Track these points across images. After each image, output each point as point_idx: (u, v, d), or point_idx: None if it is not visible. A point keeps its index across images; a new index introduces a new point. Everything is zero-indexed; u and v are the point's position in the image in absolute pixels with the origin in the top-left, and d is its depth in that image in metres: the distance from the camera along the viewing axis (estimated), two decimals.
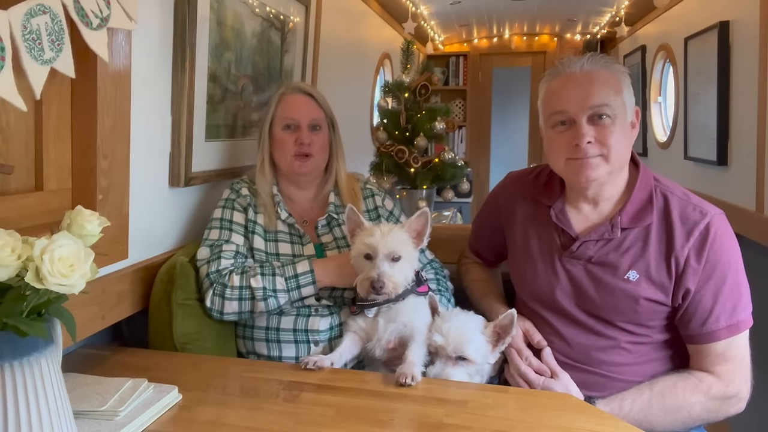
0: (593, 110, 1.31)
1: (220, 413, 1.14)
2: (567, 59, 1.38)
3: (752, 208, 2.39)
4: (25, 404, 0.86)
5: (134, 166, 1.47)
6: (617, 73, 1.35)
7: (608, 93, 1.31)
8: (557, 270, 1.41)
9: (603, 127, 1.31)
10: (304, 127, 1.64)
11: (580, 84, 1.33)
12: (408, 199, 3.14)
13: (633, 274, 1.33)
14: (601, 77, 1.33)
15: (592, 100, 1.31)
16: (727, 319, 1.29)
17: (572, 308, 1.40)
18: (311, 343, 1.51)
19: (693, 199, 1.36)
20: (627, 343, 1.36)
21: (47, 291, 0.85)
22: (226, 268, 1.51)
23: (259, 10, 2.06)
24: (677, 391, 1.30)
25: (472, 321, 1.41)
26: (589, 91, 1.31)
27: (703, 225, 1.30)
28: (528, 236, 1.49)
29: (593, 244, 1.37)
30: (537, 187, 1.52)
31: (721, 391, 1.29)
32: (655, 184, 1.39)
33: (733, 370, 1.31)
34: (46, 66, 1.08)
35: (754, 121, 2.41)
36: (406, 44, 3.32)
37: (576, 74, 1.34)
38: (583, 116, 1.31)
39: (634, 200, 1.37)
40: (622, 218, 1.36)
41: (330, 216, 1.68)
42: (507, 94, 6.52)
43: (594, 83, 1.32)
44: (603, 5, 4.70)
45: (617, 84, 1.34)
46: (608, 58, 1.38)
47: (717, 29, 2.81)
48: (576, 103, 1.32)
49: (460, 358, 1.35)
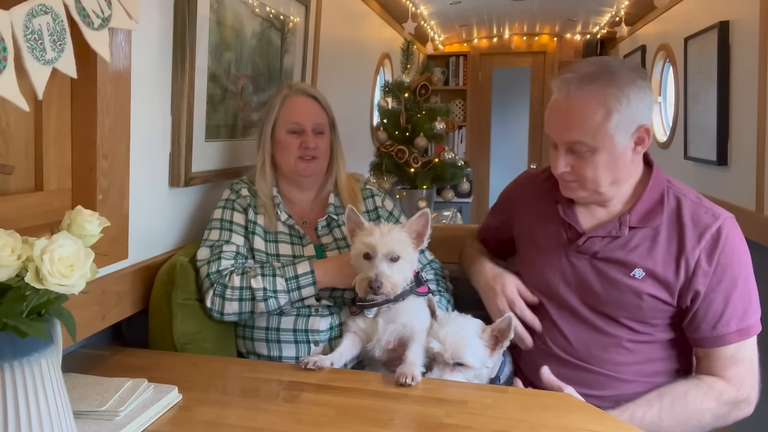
0: (568, 145, 1.31)
1: (220, 413, 1.14)
2: (562, 79, 1.31)
3: (752, 208, 2.40)
4: (25, 404, 0.86)
5: (134, 166, 1.47)
6: (608, 98, 1.25)
7: (587, 129, 1.26)
8: (562, 263, 1.42)
9: (580, 159, 1.31)
10: (309, 131, 1.64)
11: (561, 115, 1.31)
12: (408, 199, 3.14)
13: (639, 272, 1.33)
14: (582, 109, 1.27)
15: (567, 136, 1.30)
16: (737, 322, 1.29)
17: (576, 303, 1.40)
18: (311, 344, 1.51)
19: (705, 203, 1.36)
20: (629, 341, 1.36)
21: (47, 291, 0.85)
22: (226, 269, 1.51)
23: (259, 10, 2.06)
24: (687, 400, 1.29)
25: (469, 326, 1.39)
26: (566, 125, 1.30)
27: (714, 228, 1.30)
28: (536, 230, 1.50)
29: (599, 240, 1.38)
30: (548, 183, 1.52)
31: (732, 396, 1.29)
32: (667, 186, 1.38)
33: (743, 373, 1.30)
34: (48, 66, 1.08)
35: (754, 121, 2.41)
36: (406, 44, 3.32)
37: (560, 102, 1.31)
38: (562, 146, 1.32)
39: (645, 200, 1.36)
40: (631, 217, 1.36)
41: (330, 217, 1.68)
42: (507, 94, 6.51)
43: (573, 117, 1.28)
44: (603, 5, 4.70)
45: (604, 113, 1.25)
46: (607, 75, 1.27)
47: (717, 29, 2.81)
48: (556, 132, 1.33)
49: (457, 364, 1.34)
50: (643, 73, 1.32)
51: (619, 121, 1.26)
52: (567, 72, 1.31)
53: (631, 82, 1.27)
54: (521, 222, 1.57)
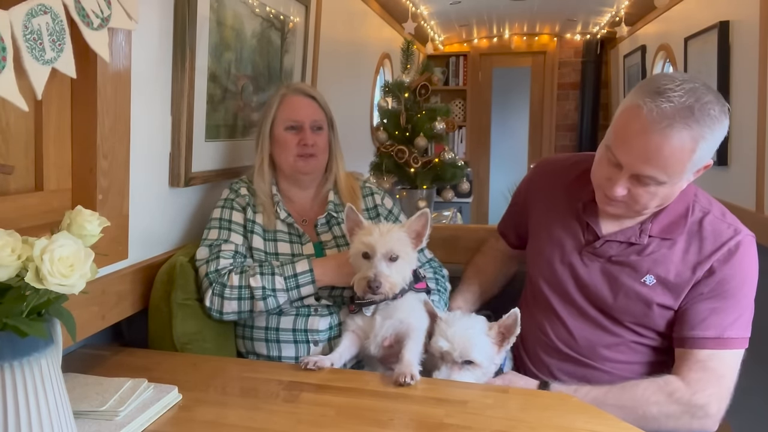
0: (640, 175, 1.22)
1: (219, 413, 1.14)
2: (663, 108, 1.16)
3: (752, 208, 2.40)
4: (25, 404, 0.86)
5: (134, 166, 1.47)
6: (697, 141, 1.17)
7: (668, 169, 1.20)
8: (575, 263, 1.41)
9: (642, 187, 1.24)
10: (307, 128, 1.65)
11: (646, 147, 1.18)
12: (408, 199, 3.14)
13: (650, 279, 1.32)
14: (674, 152, 1.17)
15: (643, 169, 1.21)
16: (718, 331, 1.28)
17: (583, 302, 1.40)
18: (311, 343, 1.51)
19: (728, 218, 1.35)
20: (632, 342, 1.37)
21: (47, 291, 0.85)
22: (225, 268, 1.51)
23: (259, 10, 2.06)
24: (638, 389, 1.28)
25: (476, 324, 1.39)
26: (648, 160, 1.19)
27: (734, 242, 1.29)
28: (552, 222, 1.48)
29: (617, 245, 1.37)
30: (573, 176, 1.49)
31: (684, 397, 1.26)
32: (694, 199, 1.36)
33: (706, 380, 1.27)
34: (48, 66, 1.08)
35: (754, 121, 2.41)
36: (406, 44, 3.32)
37: (651, 135, 1.17)
38: (628, 172, 1.23)
39: (670, 211, 1.34)
40: (653, 226, 1.35)
41: (329, 215, 1.68)
42: (507, 94, 6.51)
43: (660, 155, 1.18)
44: (603, 5, 4.70)
45: (690, 154, 1.18)
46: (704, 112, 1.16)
47: (717, 29, 2.81)
48: (631, 159, 1.22)
49: (466, 362, 1.34)
50: (727, 107, 1.22)
51: (697, 160, 1.21)
52: (660, 97, 1.17)
53: (720, 122, 1.19)
54: (538, 209, 1.55)
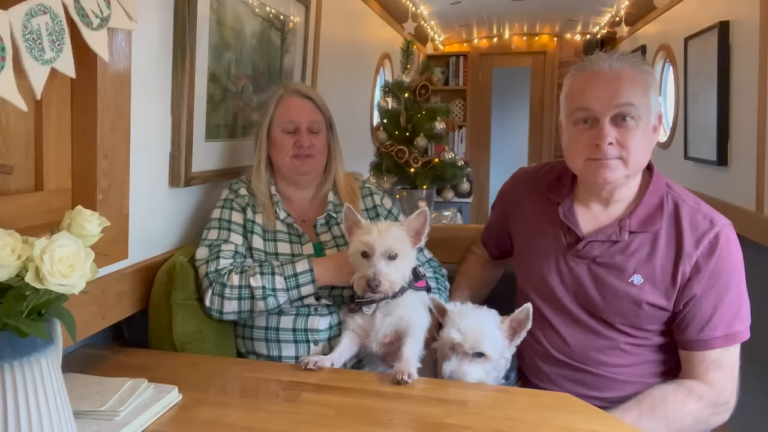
0: (618, 110, 1.29)
1: (219, 413, 1.14)
2: (596, 56, 1.35)
3: (752, 208, 2.39)
4: (25, 404, 0.86)
5: (134, 166, 1.47)
6: (645, 74, 1.33)
7: (635, 93, 1.29)
8: (561, 268, 1.42)
9: (626, 129, 1.29)
10: (304, 129, 1.65)
11: (608, 82, 1.30)
12: (408, 199, 3.14)
13: (637, 278, 1.33)
14: (629, 76, 1.30)
15: (618, 99, 1.28)
16: (725, 328, 1.29)
17: (573, 306, 1.40)
18: (311, 343, 1.51)
19: (703, 208, 1.36)
20: (625, 344, 1.36)
21: (47, 291, 0.85)
22: (225, 268, 1.51)
23: (259, 10, 2.06)
24: (667, 403, 1.29)
25: (488, 317, 1.39)
26: (616, 90, 1.29)
27: (712, 234, 1.30)
28: (534, 232, 1.49)
29: (599, 245, 1.37)
30: (547, 183, 1.51)
31: (712, 399, 1.29)
32: (667, 190, 1.38)
33: (725, 378, 1.30)
34: (47, 66, 1.08)
35: (754, 121, 2.41)
36: (406, 44, 3.31)
37: (604, 71, 1.31)
38: (607, 116, 1.29)
39: (645, 204, 1.36)
40: (631, 221, 1.35)
41: (329, 215, 1.68)
42: (507, 94, 6.52)
43: (622, 82, 1.29)
44: (603, 5, 4.70)
45: (645, 85, 1.31)
46: (638, 58, 1.35)
47: (717, 29, 2.81)
48: (601, 101, 1.30)
49: (476, 354, 1.34)
50: None
51: (653, 97, 1.32)
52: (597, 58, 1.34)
53: (654, 75, 1.36)
54: (518, 222, 1.56)
